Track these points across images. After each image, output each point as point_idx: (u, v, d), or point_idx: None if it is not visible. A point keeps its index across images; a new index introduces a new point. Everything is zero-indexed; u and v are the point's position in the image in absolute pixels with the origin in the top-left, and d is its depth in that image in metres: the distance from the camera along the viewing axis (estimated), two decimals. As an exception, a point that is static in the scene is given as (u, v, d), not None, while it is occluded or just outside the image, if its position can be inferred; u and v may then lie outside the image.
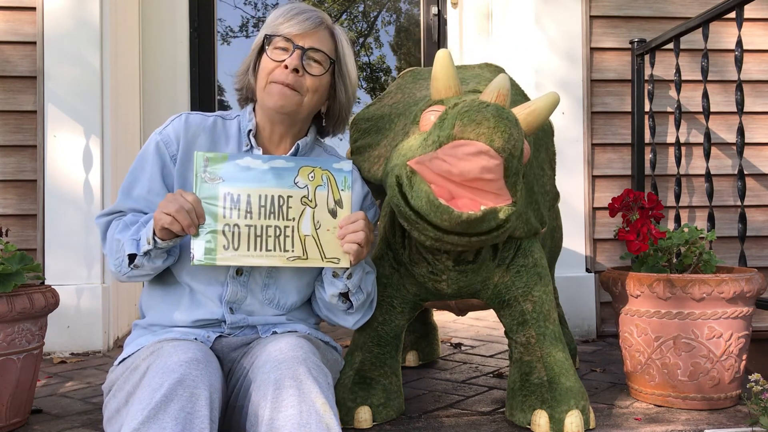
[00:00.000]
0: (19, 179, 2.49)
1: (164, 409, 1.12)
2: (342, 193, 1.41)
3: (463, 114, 1.25)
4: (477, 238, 1.33)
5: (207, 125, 1.50)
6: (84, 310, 2.43)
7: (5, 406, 1.54)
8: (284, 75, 1.43)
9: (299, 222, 1.38)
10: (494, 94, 1.31)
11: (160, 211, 1.30)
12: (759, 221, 2.79)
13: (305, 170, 1.40)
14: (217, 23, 3.38)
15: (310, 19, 1.46)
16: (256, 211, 1.36)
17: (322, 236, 1.39)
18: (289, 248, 1.37)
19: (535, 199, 1.57)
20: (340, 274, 1.44)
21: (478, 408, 1.71)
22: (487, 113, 1.24)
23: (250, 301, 1.46)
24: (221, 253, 1.34)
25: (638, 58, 2.70)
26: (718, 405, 1.70)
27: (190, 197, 1.31)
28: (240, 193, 1.36)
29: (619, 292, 1.79)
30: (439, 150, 1.27)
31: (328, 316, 1.56)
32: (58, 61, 2.47)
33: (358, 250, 1.37)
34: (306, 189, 1.39)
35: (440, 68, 1.43)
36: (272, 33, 1.46)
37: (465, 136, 1.24)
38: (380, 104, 1.71)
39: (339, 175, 1.41)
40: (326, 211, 1.39)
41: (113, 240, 1.41)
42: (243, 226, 1.35)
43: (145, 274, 1.42)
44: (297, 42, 1.44)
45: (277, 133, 1.52)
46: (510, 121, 1.26)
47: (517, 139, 1.27)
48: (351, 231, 1.37)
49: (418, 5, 3.64)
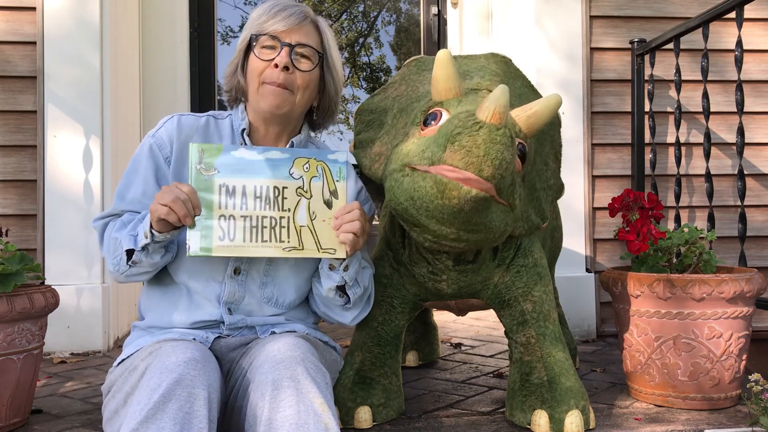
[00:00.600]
0: (19, 179, 2.49)
1: (162, 409, 1.12)
2: (337, 183, 1.41)
3: (454, 137, 1.24)
4: (475, 237, 1.33)
5: (200, 125, 1.51)
6: (84, 310, 2.43)
7: (5, 406, 1.54)
8: (275, 74, 1.43)
9: (295, 213, 1.38)
10: (489, 112, 1.25)
11: (156, 203, 1.30)
12: (759, 221, 2.79)
13: (300, 161, 1.40)
14: (217, 23, 3.38)
15: (294, 15, 1.46)
16: (252, 202, 1.36)
17: (317, 227, 1.39)
18: (284, 239, 1.37)
19: (536, 196, 1.57)
20: (336, 267, 1.44)
21: (478, 408, 1.71)
22: (479, 138, 1.22)
23: (248, 300, 1.46)
24: (217, 244, 1.34)
25: (638, 58, 2.70)
26: (718, 405, 1.70)
27: (185, 188, 1.31)
28: (235, 185, 1.36)
29: (619, 292, 1.79)
30: (432, 167, 1.27)
31: (325, 312, 1.56)
32: (58, 61, 2.47)
33: (354, 240, 1.38)
34: (301, 180, 1.40)
35: (440, 69, 1.42)
36: (258, 32, 1.46)
37: (454, 164, 1.23)
38: (384, 95, 1.69)
39: (334, 166, 1.41)
40: (321, 202, 1.40)
41: (110, 239, 1.42)
42: (239, 217, 1.36)
43: (144, 271, 1.41)
44: (284, 39, 1.44)
45: (271, 133, 1.53)
46: (502, 144, 1.23)
47: (509, 161, 1.25)
48: (347, 221, 1.38)
49: (418, 5, 3.64)
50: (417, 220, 1.33)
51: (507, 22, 3.12)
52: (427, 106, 1.45)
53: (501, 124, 1.24)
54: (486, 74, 1.58)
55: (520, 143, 1.39)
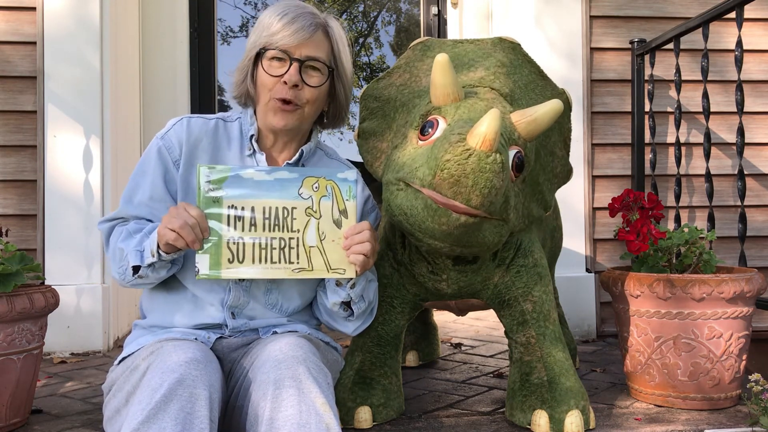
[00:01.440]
0: (19, 179, 2.49)
1: (164, 409, 1.12)
2: (347, 203, 1.39)
3: (444, 164, 1.23)
4: (469, 250, 1.35)
5: (209, 129, 1.50)
6: (84, 310, 2.43)
7: (5, 406, 1.54)
8: (284, 91, 1.42)
9: (304, 233, 1.37)
10: (480, 139, 1.22)
11: (164, 227, 1.29)
12: (759, 221, 2.79)
13: (309, 181, 1.38)
14: (217, 23, 3.39)
15: (305, 29, 1.42)
16: (261, 223, 1.35)
17: (327, 247, 1.38)
18: (294, 260, 1.36)
19: (539, 190, 1.57)
20: (343, 284, 1.43)
21: (478, 408, 1.71)
22: (467, 167, 1.21)
23: (253, 305, 1.46)
24: (226, 266, 1.33)
25: (638, 58, 2.70)
26: (718, 405, 1.70)
27: (194, 212, 1.30)
28: (244, 206, 1.35)
29: (619, 292, 1.79)
30: (423, 189, 1.27)
31: (328, 321, 1.56)
32: (58, 61, 2.47)
33: (364, 261, 1.37)
34: (310, 200, 1.38)
35: (439, 75, 1.39)
36: (267, 45, 1.43)
37: (443, 192, 1.23)
38: (389, 80, 1.67)
39: (344, 185, 1.39)
40: (331, 222, 1.38)
41: (116, 249, 1.41)
42: (247, 239, 1.34)
43: (150, 282, 1.42)
44: (294, 54, 1.42)
45: (280, 142, 1.52)
46: (492, 172, 1.22)
47: (499, 187, 1.24)
48: (357, 242, 1.36)
49: (418, 5, 3.64)
50: (411, 233, 1.36)
51: (507, 22, 3.12)
52: (425, 110, 1.44)
53: (491, 150, 1.22)
54: (491, 65, 1.56)
55: (518, 151, 1.38)
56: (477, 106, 1.39)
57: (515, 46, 1.65)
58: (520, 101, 1.55)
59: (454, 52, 1.62)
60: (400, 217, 1.35)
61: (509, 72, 1.56)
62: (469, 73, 1.55)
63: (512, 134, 1.37)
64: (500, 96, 1.48)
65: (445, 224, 1.26)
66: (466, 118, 1.35)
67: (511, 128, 1.37)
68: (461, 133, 1.25)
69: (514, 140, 1.37)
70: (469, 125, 1.28)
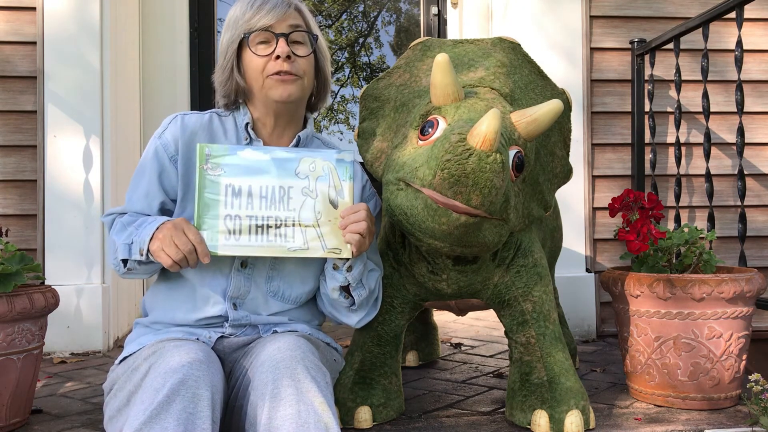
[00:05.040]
0: (19, 179, 2.49)
1: (166, 409, 1.12)
2: (343, 183, 1.41)
3: (444, 164, 1.23)
4: (469, 250, 1.35)
5: (204, 122, 1.51)
6: (84, 310, 2.43)
7: (5, 406, 1.54)
8: (279, 65, 1.43)
9: (300, 212, 1.38)
10: (480, 138, 1.22)
11: (160, 249, 1.30)
12: (759, 221, 2.79)
13: (306, 161, 1.40)
14: (217, 23, 3.38)
15: (279, 6, 1.45)
16: (257, 202, 1.37)
17: (323, 227, 1.39)
18: (290, 239, 1.37)
19: (539, 190, 1.57)
20: (339, 266, 1.44)
21: (478, 408, 1.71)
22: (467, 167, 1.21)
23: (254, 294, 1.46)
24: (222, 243, 1.35)
25: (638, 58, 2.70)
26: (718, 405, 1.70)
27: (192, 235, 1.31)
28: (241, 184, 1.37)
29: (619, 292, 1.79)
30: (423, 189, 1.28)
31: (331, 312, 1.56)
32: (58, 61, 2.47)
33: (359, 240, 1.37)
34: (307, 180, 1.39)
35: (439, 75, 1.39)
36: (248, 30, 1.45)
37: (443, 192, 1.24)
38: (389, 81, 1.67)
39: (340, 166, 1.41)
40: (327, 202, 1.40)
41: (111, 241, 1.43)
42: (244, 217, 1.36)
43: (142, 274, 1.43)
44: (276, 31, 1.44)
45: (279, 126, 1.53)
46: (492, 171, 1.22)
47: (500, 187, 1.25)
48: (352, 221, 1.37)
49: (418, 5, 3.64)
50: (411, 233, 1.36)
51: (507, 22, 3.12)
52: (425, 110, 1.44)
53: (491, 150, 1.22)
54: (491, 65, 1.56)
55: (518, 150, 1.38)
56: (477, 106, 1.39)
57: (515, 46, 1.66)
58: (520, 101, 1.55)
59: (454, 52, 1.63)
60: (400, 217, 1.35)
61: (509, 72, 1.56)
62: (469, 73, 1.55)
63: (512, 134, 1.37)
64: (500, 96, 1.48)
65: (445, 224, 1.26)
66: (466, 118, 1.35)
67: (511, 128, 1.37)
68: (461, 132, 1.25)
69: (514, 140, 1.37)
70: (470, 125, 1.28)
